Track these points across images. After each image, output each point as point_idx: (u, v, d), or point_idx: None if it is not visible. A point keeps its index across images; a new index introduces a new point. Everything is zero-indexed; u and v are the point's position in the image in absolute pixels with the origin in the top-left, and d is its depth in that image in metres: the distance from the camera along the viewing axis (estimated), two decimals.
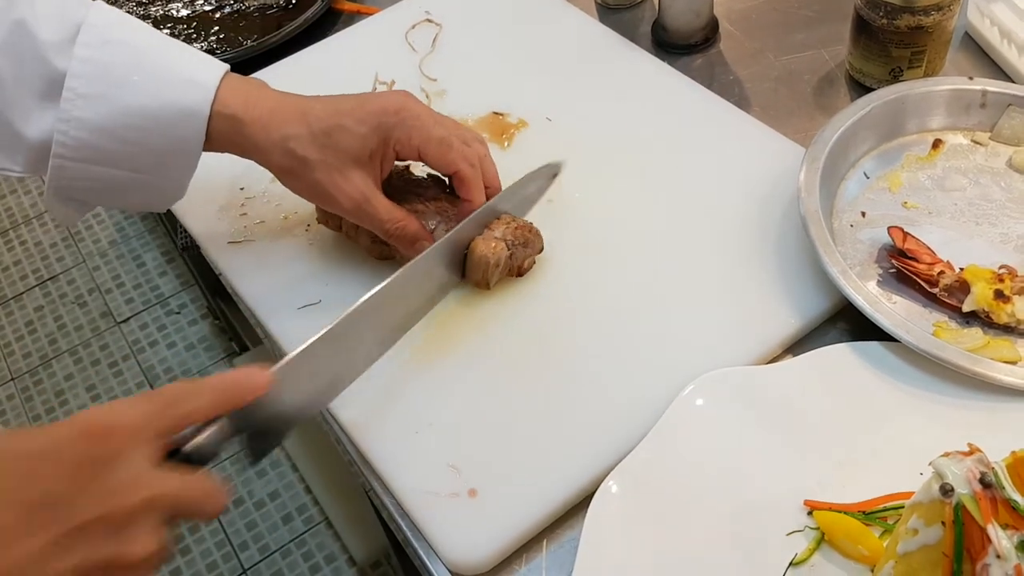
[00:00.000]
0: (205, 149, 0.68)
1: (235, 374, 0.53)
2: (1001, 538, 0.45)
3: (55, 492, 0.44)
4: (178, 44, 0.69)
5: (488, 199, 0.72)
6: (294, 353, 0.57)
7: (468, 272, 0.70)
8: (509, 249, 0.69)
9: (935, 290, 0.68)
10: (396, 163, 0.73)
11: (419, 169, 0.76)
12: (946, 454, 0.48)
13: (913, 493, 0.50)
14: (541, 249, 0.73)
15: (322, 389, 0.61)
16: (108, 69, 0.65)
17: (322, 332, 0.59)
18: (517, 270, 0.72)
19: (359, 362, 0.64)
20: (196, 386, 0.50)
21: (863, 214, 0.75)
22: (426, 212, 0.72)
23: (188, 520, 0.50)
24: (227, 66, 0.69)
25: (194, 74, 0.67)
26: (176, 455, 0.50)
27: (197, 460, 0.51)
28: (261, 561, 1.61)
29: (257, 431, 0.55)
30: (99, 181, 0.67)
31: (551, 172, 0.77)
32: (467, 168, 0.71)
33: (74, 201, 0.69)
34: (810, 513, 0.59)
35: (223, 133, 0.68)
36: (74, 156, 0.65)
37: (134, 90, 0.65)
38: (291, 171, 0.69)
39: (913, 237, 0.71)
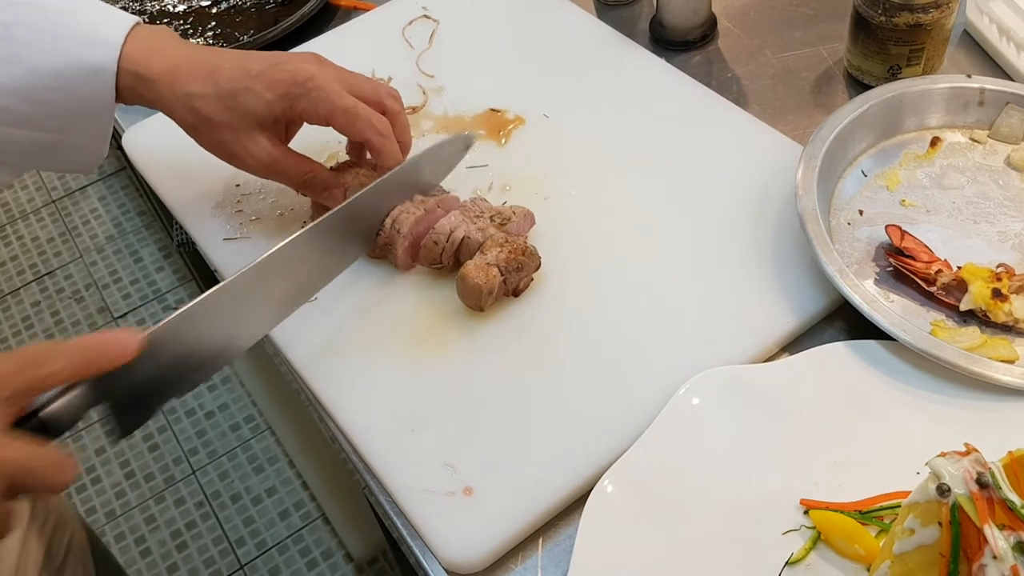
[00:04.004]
0: (117, 102, 0.68)
1: (101, 336, 0.50)
2: (998, 539, 0.44)
3: None
4: (85, 0, 0.68)
5: (403, 153, 0.73)
6: (173, 316, 0.55)
7: (460, 297, 0.70)
8: (503, 275, 0.68)
9: (933, 289, 0.68)
10: None
11: None
12: (943, 454, 0.48)
13: (909, 492, 0.50)
14: (538, 267, 0.72)
15: (204, 358, 0.59)
16: (15, 30, 0.64)
17: (206, 294, 0.58)
18: (513, 291, 0.71)
19: (248, 330, 0.62)
20: (58, 347, 0.49)
21: (861, 212, 0.75)
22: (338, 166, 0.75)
23: (31, 492, 0.47)
24: (136, 19, 0.68)
25: (99, 31, 0.66)
26: (32, 419, 0.48)
27: (53, 427, 0.49)
28: (258, 557, 1.61)
29: (123, 402, 0.52)
30: (18, 144, 0.67)
31: (465, 143, 0.77)
32: (375, 137, 0.71)
33: (3, 165, 0.69)
34: (806, 512, 0.58)
35: (130, 88, 0.68)
36: None
37: (42, 50, 0.64)
38: (195, 127, 0.70)
39: (911, 235, 0.71)
